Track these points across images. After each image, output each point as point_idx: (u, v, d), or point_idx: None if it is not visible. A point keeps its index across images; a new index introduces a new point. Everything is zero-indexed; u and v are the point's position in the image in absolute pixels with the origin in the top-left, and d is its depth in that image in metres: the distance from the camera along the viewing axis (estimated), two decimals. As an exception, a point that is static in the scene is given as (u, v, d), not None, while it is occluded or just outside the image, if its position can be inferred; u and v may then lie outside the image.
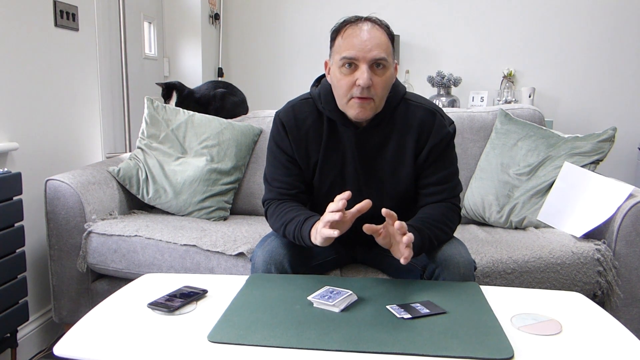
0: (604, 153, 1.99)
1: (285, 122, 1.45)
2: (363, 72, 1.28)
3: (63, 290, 1.92)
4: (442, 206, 1.42)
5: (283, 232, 1.38)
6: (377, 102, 1.34)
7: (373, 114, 1.36)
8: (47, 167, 2.10)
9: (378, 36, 1.30)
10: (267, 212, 1.47)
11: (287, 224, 1.36)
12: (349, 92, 1.32)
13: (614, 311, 1.72)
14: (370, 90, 1.30)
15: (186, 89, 2.48)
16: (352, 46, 1.29)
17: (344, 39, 1.31)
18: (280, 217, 1.39)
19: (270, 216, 1.45)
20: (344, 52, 1.30)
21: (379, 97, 1.33)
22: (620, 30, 3.53)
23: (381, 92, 1.33)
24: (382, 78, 1.31)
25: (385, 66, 1.31)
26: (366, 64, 1.29)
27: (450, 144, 1.44)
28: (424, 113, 1.42)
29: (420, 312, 1.09)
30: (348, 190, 1.21)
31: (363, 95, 1.30)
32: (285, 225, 1.36)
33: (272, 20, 3.90)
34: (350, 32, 1.31)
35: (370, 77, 1.29)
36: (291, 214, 1.37)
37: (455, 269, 1.31)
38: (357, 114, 1.34)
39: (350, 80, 1.30)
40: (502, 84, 3.62)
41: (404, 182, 1.44)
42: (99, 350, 0.98)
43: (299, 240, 1.33)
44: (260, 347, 0.97)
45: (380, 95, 1.33)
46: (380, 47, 1.29)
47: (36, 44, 2.05)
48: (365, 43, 1.28)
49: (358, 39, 1.29)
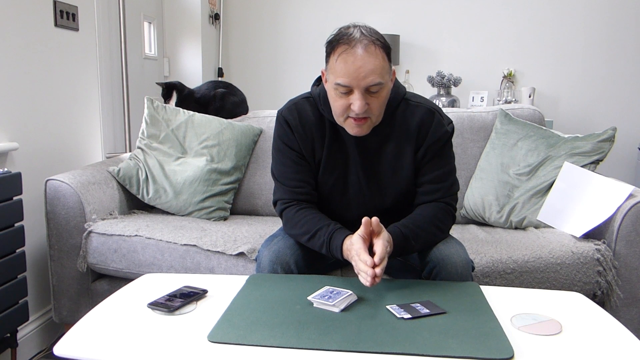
0: (604, 153, 1.99)
1: (290, 120, 1.45)
2: (357, 99, 1.26)
3: (63, 290, 1.92)
4: (435, 207, 1.42)
5: (305, 241, 1.39)
6: (374, 119, 1.34)
7: (370, 129, 1.36)
8: (47, 167, 2.10)
9: (372, 61, 1.25)
10: (284, 213, 1.45)
11: (311, 237, 1.37)
12: (344, 113, 1.32)
13: (614, 311, 1.72)
14: (366, 111, 1.29)
15: (186, 89, 2.48)
16: (346, 73, 1.26)
17: (337, 63, 1.27)
18: (302, 225, 1.39)
19: (288, 219, 1.44)
20: (338, 78, 1.27)
21: (375, 115, 1.33)
22: (620, 31, 3.53)
23: (377, 111, 1.33)
24: (377, 99, 1.30)
25: (381, 87, 1.29)
26: (360, 91, 1.27)
27: (448, 143, 1.44)
28: (423, 112, 1.42)
29: (420, 312, 1.09)
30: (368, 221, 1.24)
31: (359, 116, 1.30)
32: (308, 237, 1.37)
33: (272, 20, 3.90)
34: (344, 56, 1.25)
35: (366, 101, 1.28)
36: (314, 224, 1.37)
37: (452, 268, 1.31)
38: (355, 133, 1.35)
39: (346, 102, 1.29)
40: (502, 84, 3.62)
41: (404, 181, 1.44)
42: (99, 350, 0.98)
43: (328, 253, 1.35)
44: (260, 347, 0.97)
45: (377, 113, 1.33)
46: (375, 73, 1.26)
47: (36, 44, 2.05)
48: (359, 71, 1.25)
49: (352, 67, 1.25)
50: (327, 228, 1.35)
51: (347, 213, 1.49)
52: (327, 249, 1.34)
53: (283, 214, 1.46)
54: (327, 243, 1.33)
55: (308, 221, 1.38)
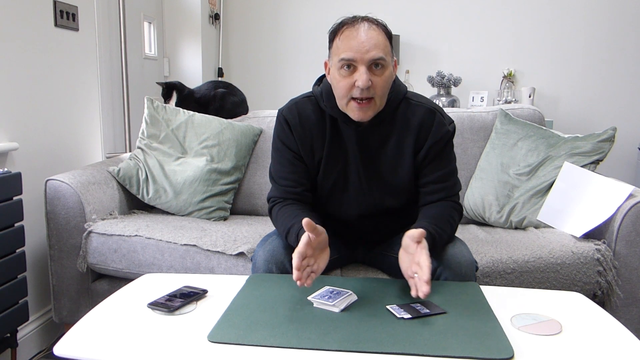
0: (604, 153, 1.99)
1: (290, 119, 1.45)
2: (362, 73, 1.29)
3: (63, 290, 1.92)
4: (446, 205, 1.42)
5: (285, 237, 1.38)
6: (378, 101, 1.34)
7: (374, 113, 1.36)
8: (47, 167, 2.10)
9: (375, 36, 1.30)
10: (272, 211, 1.46)
11: (288, 232, 1.35)
12: (348, 93, 1.32)
13: (614, 311, 1.72)
14: (370, 90, 1.30)
15: (186, 89, 2.48)
16: (349, 48, 1.29)
17: (342, 41, 1.31)
18: (283, 221, 1.39)
19: (274, 217, 1.45)
20: (342, 53, 1.30)
21: (379, 96, 1.33)
22: (620, 31, 3.53)
23: (381, 91, 1.33)
24: (381, 77, 1.31)
25: (384, 65, 1.31)
26: (364, 65, 1.29)
27: (449, 143, 1.45)
28: (424, 112, 1.42)
29: (420, 312, 1.09)
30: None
31: (363, 95, 1.31)
32: (286, 233, 1.36)
33: (272, 20, 3.90)
34: (348, 33, 1.31)
35: (370, 77, 1.29)
36: (291, 220, 1.35)
37: (457, 268, 1.31)
38: (357, 116, 1.35)
39: (349, 81, 1.31)
40: (502, 84, 3.62)
41: (403, 180, 1.44)
42: (99, 350, 0.98)
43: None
44: (260, 347, 0.97)
45: (381, 94, 1.33)
46: (378, 47, 1.29)
47: (36, 44, 2.05)
48: (363, 44, 1.28)
49: (355, 41, 1.29)
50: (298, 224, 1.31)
51: (347, 211, 1.49)
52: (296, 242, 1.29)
53: (271, 211, 1.47)
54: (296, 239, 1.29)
55: (286, 217, 1.38)
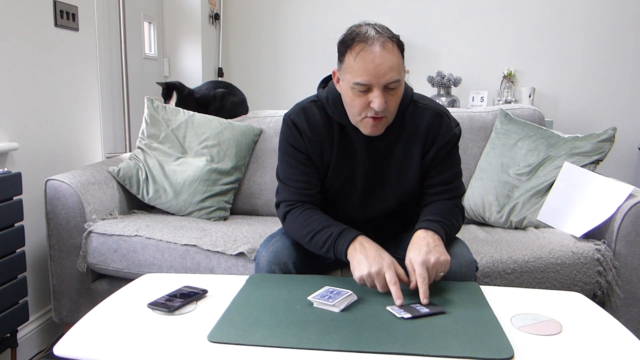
0: (604, 153, 1.99)
1: (298, 123, 1.43)
2: (377, 97, 1.26)
3: (63, 290, 1.92)
4: (448, 203, 1.43)
5: (308, 240, 1.36)
6: (390, 117, 1.34)
7: (384, 128, 1.36)
8: (47, 167, 2.10)
9: (390, 58, 1.25)
10: (288, 215, 1.42)
11: (316, 233, 1.34)
12: (362, 112, 1.30)
13: (614, 311, 1.72)
14: (383, 110, 1.29)
15: (186, 89, 2.48)
16: (365, 72, 1.25)
17: (356, 62, 1.26)
18: (307, 224, 1.37)
19: (292, 220, 1.41)
20: (357, 77, 1.26)
21: (391, 113, 1.33)
22: (620, 31, 3.53)
23: (393, 109, 1.33)
24: (394, 97, 1.30)
25: (398, 85, 1.30)
26: (380, 89, 1.26)
27: (456, 146, 1.46)
28: (432, 115, 1.42)
29: (420, 312, 1.09)
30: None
31: (377, 115, 1.30)
32: (313, 234, 1.34)
33: (272, 20, 3.90)
34: (363, 55, 1.25)
35: (384, 98, 1.27)
36: (319, 223, 1.35)
37: (457, 267, 1.31)
38: (370, 132, 1.34)
39: (364, 101, 1.28)
40: (502, 84, 3.62)
41: (410, 184, 1.45)
42: (99, 350, 0.98)
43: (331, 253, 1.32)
44: (260, 347, 0.97)
45: (393, 111, 1.33)
46: (394, 70, 1.26)
47: (36, 44, 2.05)
48: (378, 68, 1.24)
49: (371, 64, 1.24)
50: (337, 227, 1.33)
51: (352, 214, 1.48)
52: (332, 244, 1.31)
53: (287, 215, 1.42)
54: (335, 239, 1.30)
55: (313, 221, 1.37)
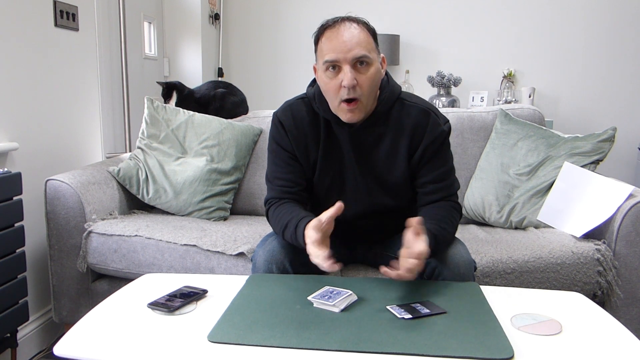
0: (604, 153, 1.99)
1: (284, 121, 1.46)
2: (346, 72, 1.29)
3: (63, 290, 1.92)
4: (446, 206, 1.42)
5: (282, 236, 1.38)
6: (365, 100, 1.34)
7: (364, 114, 1.37)
8: (47, 167, 2.10)
9: (357, 34, 1.31)
10: (268, 213, 1.47)
11: (285, 228, 1.36)
12: (337, 95, 1.33)
13: (614, 311, 1.72)
14: (356, 89, 1.31)
15: (186, 89, 2.48)
16: (332, 49, 1.30)
17: (324, 43, 1.33)
18: (279, 219, 1.39)
19: (270, 217, 1.45)
20: (326, 55, 1.31)
21: (365, 95, 1.33)
22: (619, 31, 3.53)
23: (367, 90, 1.33)
24: (366, 75, 1.32)
25: (369, 63, 1.32)
26: (348, 64, 1.30)
27: (445, 143, 1.45)
28: (418, 112, 1.42)
29: (421, 312, 1.09)
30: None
31: (350, 96, 1.31)
32: (283, 229, 1.37)
33: (272, 20, 3.90)
34: (329, 34, 1.32)
35: (355, 76, 1.30)
36: (287, 216, 1.37)
37: (454, 268, 1.31)
38: (347, 118, 1.36)
39: (336, 83, 1.32)
40: (502, 84, 3.62)
41: (399, 180, 1.45)
42: (99, 350, 0.98)
43: (297, 244, 1.33)
44: (260, 347, 0.97)
45: (367, 93, 1.34)
46: (360, 45, 1.30)
47: (36, 44, 2.05)
48: (345, 43, 1.29)
49: (337, 41, 1.30)
50: (296, 218, 1.33)
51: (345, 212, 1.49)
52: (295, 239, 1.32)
53: (268, 212, 1.46)
54: (294, 233, 1.32)
55: (283, 214, 1.39)
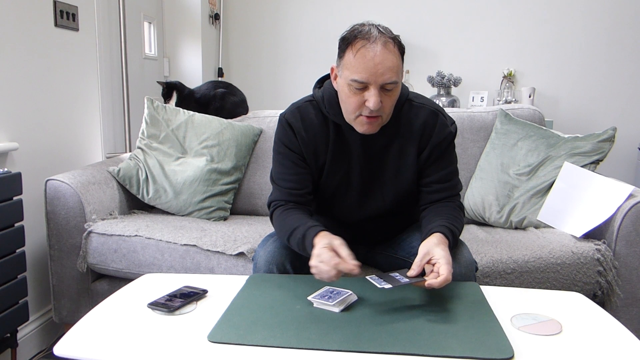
0: (604, 153, 1.99)
1: (293, 123, 1.43)
2: (373, 95, 1.26)
3: (63, 290, 1.92)
4: (450, 205, 1.42)
5: (288, 241, 1.37)
6: (385, 117, 1.34)
7: (379, 128, 1.36)
8: (47, 167, 2.10)
9: (390, 59, 1.25)
10: (273, 215, 1.44)
11: (291, 235, 1.34)
12: (357, 110, 1.30)
13: (614, 311, 1.72)
14: (379, 109, 1.29)
15: (186, 89, 2.48)
16: (363, 69, 1.25)
17: (355, 58, 1.25)
18: (285, 224, 1.37)
19: (275, 220, 1.43)
20: (355, 74, 1.26)
21: (386, 114, 1.33)
22: (620, 31, 3.53)
23: (389, 110, 1.33)
24: (391, 98, 1.30)
25: (395, 87, 1.30)
26: (377, 88, 1.26)
27: (451, 144, 1.45)
28: (427, 114, 1.42)
29: (400, 281, 1.13)
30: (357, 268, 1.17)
31: (372, 115, 1.29)
32: (289, 236, 1.35)
33: (272, 20, 3.90)
34: (363, 52, 1.24)
35: (381, 99, 1.27)
36: (295, 223, 1.34)
37: (456, 268, 1.31)
38: (364, 130, 1.34)
39: (360, 99, 1.28)
40: (502, 84, 3.62)
41: (406, 183, 1.44)
42: (99, 350, 0.98)
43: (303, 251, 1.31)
44: (260, 347, 0.97)
45: (388, 112, 1.33)
46: (392, 71, 1.26)
47: (36, 44, 2.05)
48: (377, 67, 1.24)
49: (370, 63, 1.24)
50: (304, 225, 1.31)
51: (349, 214, 1.48)
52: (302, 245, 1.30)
53: (272, 215, 1.44)
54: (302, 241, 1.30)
55: (290, 220, 1.37)
